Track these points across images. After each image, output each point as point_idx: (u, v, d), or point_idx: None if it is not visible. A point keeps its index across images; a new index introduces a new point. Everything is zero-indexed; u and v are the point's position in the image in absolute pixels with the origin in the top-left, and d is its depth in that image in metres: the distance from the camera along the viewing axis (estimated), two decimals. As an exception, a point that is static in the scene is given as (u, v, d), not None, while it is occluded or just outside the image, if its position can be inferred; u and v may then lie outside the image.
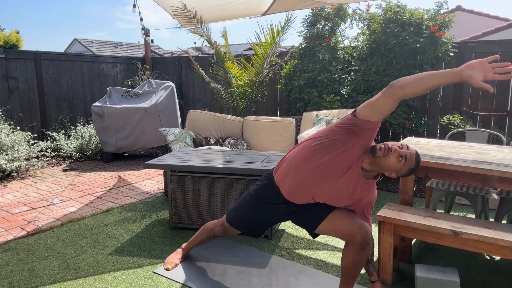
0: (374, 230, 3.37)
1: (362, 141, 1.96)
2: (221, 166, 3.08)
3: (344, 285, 2.17)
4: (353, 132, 1.94)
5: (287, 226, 3.46)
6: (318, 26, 5.43)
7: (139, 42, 22.53)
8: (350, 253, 2.09)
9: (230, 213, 2.42)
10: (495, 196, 3.38)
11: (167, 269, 2.66)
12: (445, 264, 2.76)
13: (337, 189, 2.05)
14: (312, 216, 2.19)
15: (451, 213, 3.51)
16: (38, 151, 5.96)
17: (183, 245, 2.83)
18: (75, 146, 6.34)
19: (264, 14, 4.95)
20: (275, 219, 2.30)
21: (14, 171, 5.18)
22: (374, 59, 5.00)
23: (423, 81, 1.77)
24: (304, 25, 5.54)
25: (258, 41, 5.33)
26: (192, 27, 5.33)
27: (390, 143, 1.98)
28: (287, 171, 2.13)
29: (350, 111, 4.55)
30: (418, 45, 4.64)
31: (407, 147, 1.97)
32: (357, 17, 5.33)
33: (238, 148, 4.45)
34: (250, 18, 5.51)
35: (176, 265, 2.70)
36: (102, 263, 2.79)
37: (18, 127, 6.08)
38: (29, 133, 5.99)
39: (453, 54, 4.80)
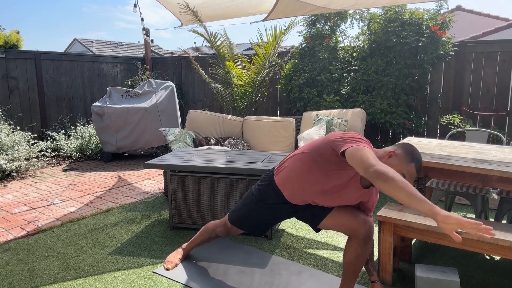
0: (374, 230, 3.37)
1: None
2: (221, 166, 3.07)
3: (345, 283, 2.17)
4: (344, 161, 1.93)
5: (287, 226, 3.46)
6: (318, 25, 5.43)
7: (139, 42, 22.56)
8: (353, 248, 2.10)
9: (233, 214, 2.42)
10: (494, 196, 3.38)
11: (167, 269, 2.66)
12: (445, 264, 2.76)
13: (338, 199, 2.07)
14: (315, 212, 2.20)
15: (451, 212, 3.50)
16: (38, 151, 5.96)
17: (184, 245, 2.83)
18: (75, 146, 6.34)
19: (265, 20, 4.95)
20: (278, 218, 2.30)
21: (14, 171, 5.18)
22: (374, 59, 5.00)
23: (410, 200, 1.59)
24: (305, 25, 5.54)
25: (261, 41, 5.33)
26: (193, 26, 5.34)
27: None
28: (286, 180, 2.14)
29: (350, 111, 4.55)
30: (419, 44, 4.65)
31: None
32: (358, 17, 5.33)
33: (238, 148, 4.45)
34: (251, 23, 5.54)
35: (176, 265, 2.70)
36: (102, 263, 2.79)
37: (18, 127, 6.08)
38: (29, 133, 5.99)
39: (453, 53, 4.80)
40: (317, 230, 2.29)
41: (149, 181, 5.05)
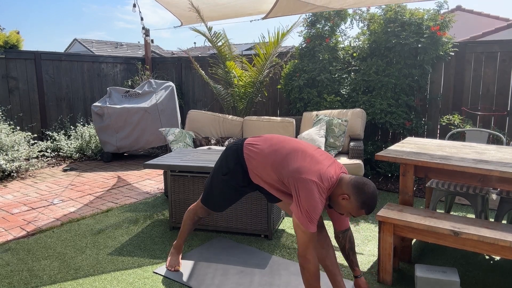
0: (374, 230, 3.37)
1: None
2: (221, 166, 3.07)
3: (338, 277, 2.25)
4: None
5: (287, 226, 3.46)
6: (318, 26, 5.43)
7: (139, 42, 22.59)
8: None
9: (206, 197, 2.52)
10: (493, 196, 3.38)
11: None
12: (445, 264, 2.76)
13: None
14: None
15: (451, 213, 3.51)
16: (38, 151, 5.96)
17: (174, 243, 2.77)
18: (75, 146, 6.34)
19: (265, 18, 4.95)
20: (243, 195, 2.49)
21: (14, 171, 5.18)
22: (374, 59, 5.00)
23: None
24: (304, 25, 5.54)
25: (262, 41, 5.33)
26: (193, 26, 5.34)
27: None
28: (258, 164, 2.22)
29: (350, 111, 4.55)
30: (419, 45, 4.65)
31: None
32: (358, 17, 5.33)
33: (238, 148, 4.44)
34: (251, 21, 5.54)
35: (178, 269, 2.68)
36: (102, 263, 2.79)
37: (18, 127, 6.08)
38: (29, 133, 5.99)
39: (453, 54, 4.80)
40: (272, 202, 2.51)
41: (149, 181, 5.05)
